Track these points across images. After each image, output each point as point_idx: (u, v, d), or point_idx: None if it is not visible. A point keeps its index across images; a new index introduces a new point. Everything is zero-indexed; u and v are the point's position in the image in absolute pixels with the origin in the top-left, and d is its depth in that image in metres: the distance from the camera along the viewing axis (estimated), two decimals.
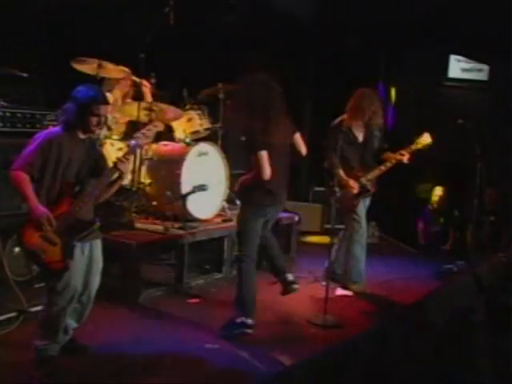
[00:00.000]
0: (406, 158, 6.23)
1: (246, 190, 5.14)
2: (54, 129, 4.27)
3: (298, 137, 5.32)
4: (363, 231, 6.31)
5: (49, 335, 4.26)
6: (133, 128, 6.24)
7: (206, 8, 7.91)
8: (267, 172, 4.93)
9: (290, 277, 5.50)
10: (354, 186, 6.12)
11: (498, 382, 4.48)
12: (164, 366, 4.48)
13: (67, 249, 4.09)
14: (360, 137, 6.22)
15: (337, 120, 6.22)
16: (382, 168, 6.27)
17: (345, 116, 6.21)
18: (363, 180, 6.20)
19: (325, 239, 6.45)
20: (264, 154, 4.91)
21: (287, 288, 5.47)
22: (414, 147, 6.26)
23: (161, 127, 4.47)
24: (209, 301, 5.93)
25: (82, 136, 4.19)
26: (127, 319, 5.33)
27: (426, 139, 6.24)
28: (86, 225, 4.19)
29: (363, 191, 6.23)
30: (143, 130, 4.47)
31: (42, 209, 4.00)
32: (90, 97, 4.13)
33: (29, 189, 4.01)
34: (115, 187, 4.37)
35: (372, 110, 6.10)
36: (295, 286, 5.46)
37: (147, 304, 5.65)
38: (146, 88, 6.78)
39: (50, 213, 4.02)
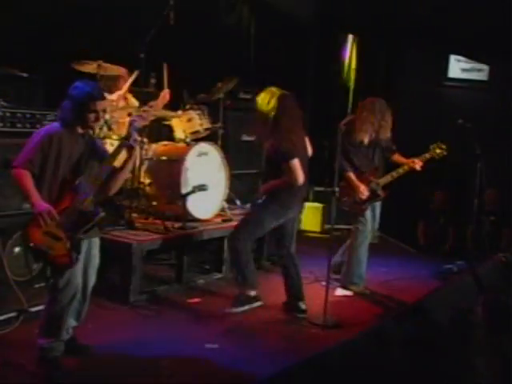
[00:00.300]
0: (419, 166, 6.24)
1: (273, 192, 5.42)
2: (54, 124, 4.25)
3: (306, 139, 5.61)
4: (367, 233, 6.32)
5: (53, 333, 4.26)
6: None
7: (206, 8, 7.93)
8: (301, 179, 5.30)
9: (303, 306, 5.66)
10: (364, 193, 6.13)
11: (497, 382, 4.48)
12: (164, 365, 4.49)
13: (74, 243, 4.08)
14: (365, 140, 6.20)
15: (344, 121, 6.22)
16: (394, 174, 6.28)
17: (352, 117, 6.21)
18: (373, 185, 6.21)
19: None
20: (297, 162, 5.26)
21: (294, 312, 5.64)
22: (428, 155, 6.26)
23: (157, 108, 4.55)
24: (209, 301, 5.93)
25: (80, 131, 4.18)
26: (127, 319, 5.33)
27: (441, 149, 6.24)
28: (89, 217, 4.17)
29: (373, 196, 6.23)
30: (140, 113, 4.49)
31: (43, 204, 4.00)
32: (86, 93, 4.10)
33: (30, 185, 4.01)
34: (127, 169, 4.36)
35: (381, 124, 6.10)
36: (302, 316, 5.59)
37: (147, 304, 5.65)
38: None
39: (54, 208, 4.02)
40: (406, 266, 7.61)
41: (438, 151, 6.25)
